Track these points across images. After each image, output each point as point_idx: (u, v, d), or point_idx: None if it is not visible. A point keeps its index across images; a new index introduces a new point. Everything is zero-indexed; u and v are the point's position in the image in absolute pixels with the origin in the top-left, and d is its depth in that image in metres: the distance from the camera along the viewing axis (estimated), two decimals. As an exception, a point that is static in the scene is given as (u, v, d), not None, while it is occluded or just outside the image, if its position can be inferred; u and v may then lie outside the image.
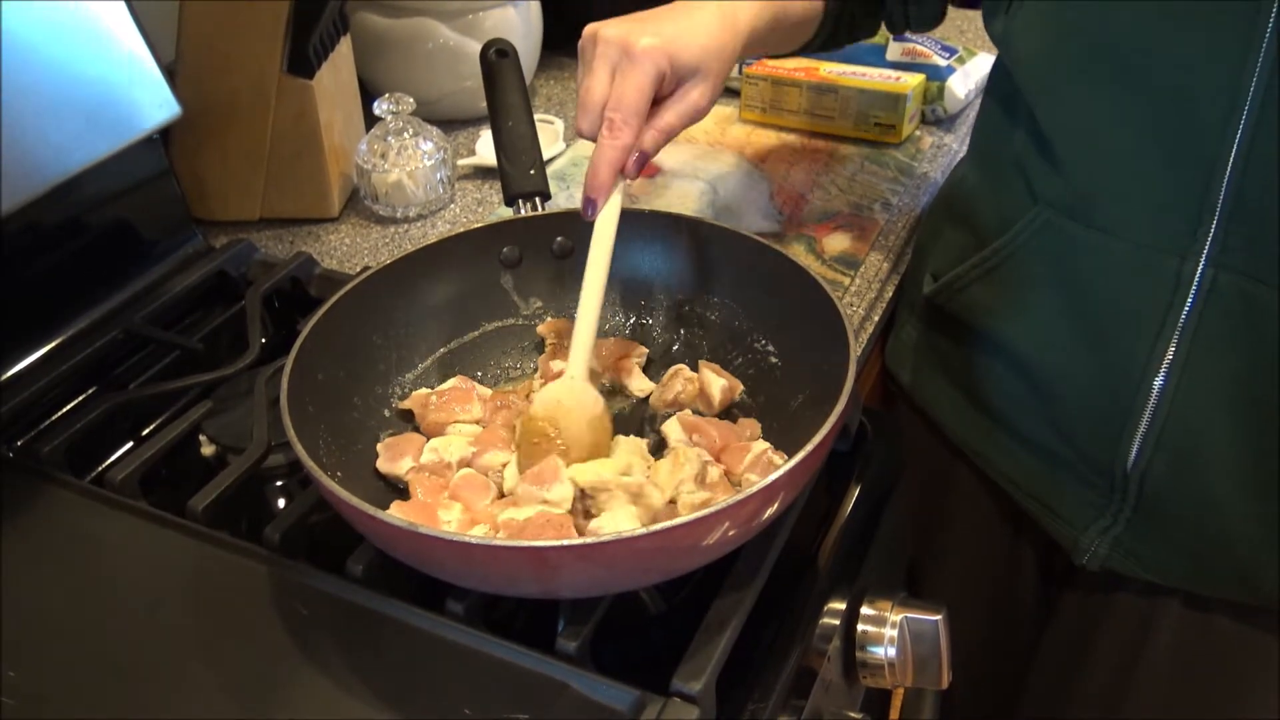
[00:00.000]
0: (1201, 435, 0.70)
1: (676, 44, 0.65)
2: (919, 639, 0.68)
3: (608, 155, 0.64)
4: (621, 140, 0.63)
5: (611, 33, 0.64)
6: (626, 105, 0.63)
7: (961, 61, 1.14)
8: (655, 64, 0.64)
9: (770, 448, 0.65)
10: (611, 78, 0.64)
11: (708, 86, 0.67)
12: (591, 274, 0.65)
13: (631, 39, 0.63)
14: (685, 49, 0.65)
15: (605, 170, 0.64)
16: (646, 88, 0.64)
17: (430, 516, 0.60)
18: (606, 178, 0.64)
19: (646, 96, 0.64)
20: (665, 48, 0.64)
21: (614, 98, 0.64)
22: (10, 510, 0.65)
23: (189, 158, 0.94)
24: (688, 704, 0.52)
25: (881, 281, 0.91)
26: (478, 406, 0.70)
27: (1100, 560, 0.79)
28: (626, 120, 0.63)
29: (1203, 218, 0.65)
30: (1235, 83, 0.60)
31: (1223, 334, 0.67)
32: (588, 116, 0.65)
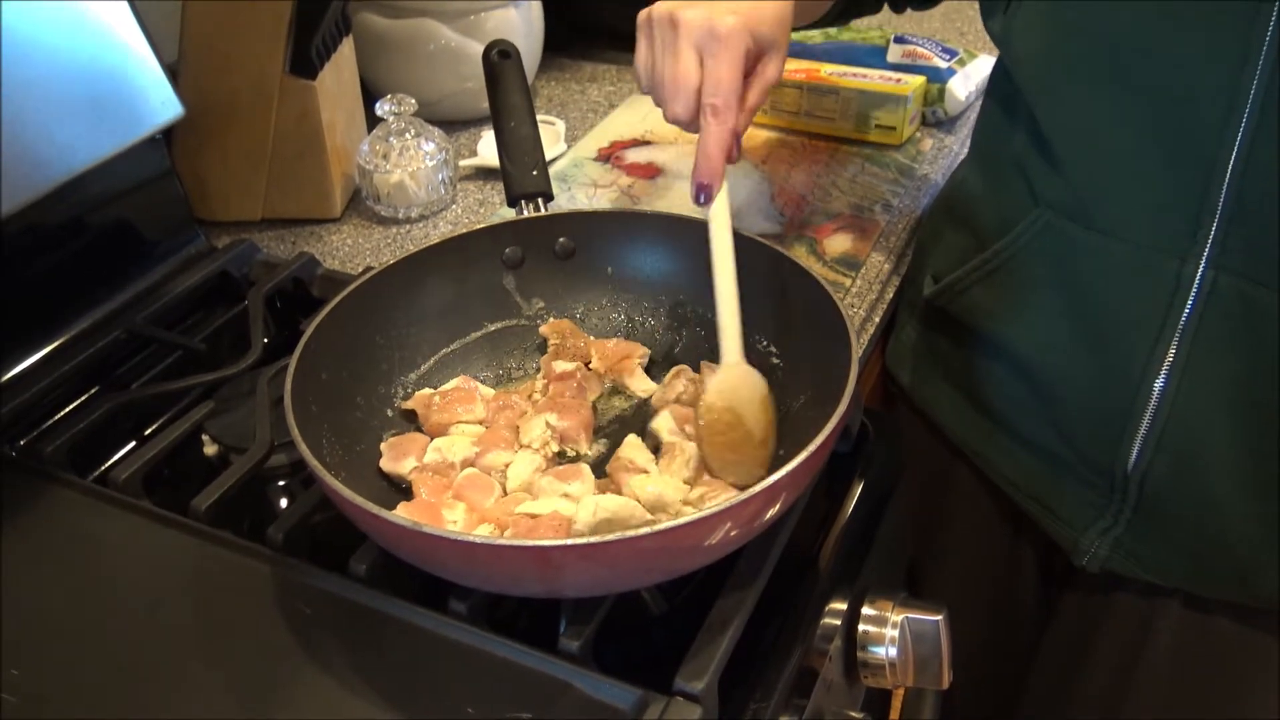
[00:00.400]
0: (1202, 437, 0.70)
1: (754, 19, 0.64)
2: (920, 639, 0.68)
3: (719, 139, 0.63)
4: (729, 124, 0.63)
5: (693, 15, 0.63)
6: (726, 88, 0.63)
7: (962, 63, 1.14)
8: (743, 44, 0.63)
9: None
10: (699, 59, 0.64)
11: (780, 58, 0.67)
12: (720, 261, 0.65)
13: (716, 20, 0.63)
14: (762, 23, 0.65)
15: (718, 155, 0.64)
16: (740, 69, 0.63)
17: (435, 516, 0.61)
18: (720, 162, 0.64)
19: (741, 77, 0.64)
20: (747, 25, 0.64)
21: (711, 82, 0.63)
22: (13, 510, 0.65)
23: (191, 158, 0.94)
24: (690, 703, 0.52)
25: (882, 283, 0.91)
26: (480, 407, 0.70)
27: (1100, 561, 0.79)
28: (728, 103, 0.63)
29: (1202, 219, 0.65)
30: (1235, 84, 0.61)
31: (1223, 336, 0.67)
32: (682, 100, 0.64)
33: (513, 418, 0.69)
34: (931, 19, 1.43)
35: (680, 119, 0.65)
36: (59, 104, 0.75)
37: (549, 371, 0.74)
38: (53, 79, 0.75)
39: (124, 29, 0.80)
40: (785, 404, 0.69)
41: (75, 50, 0.76)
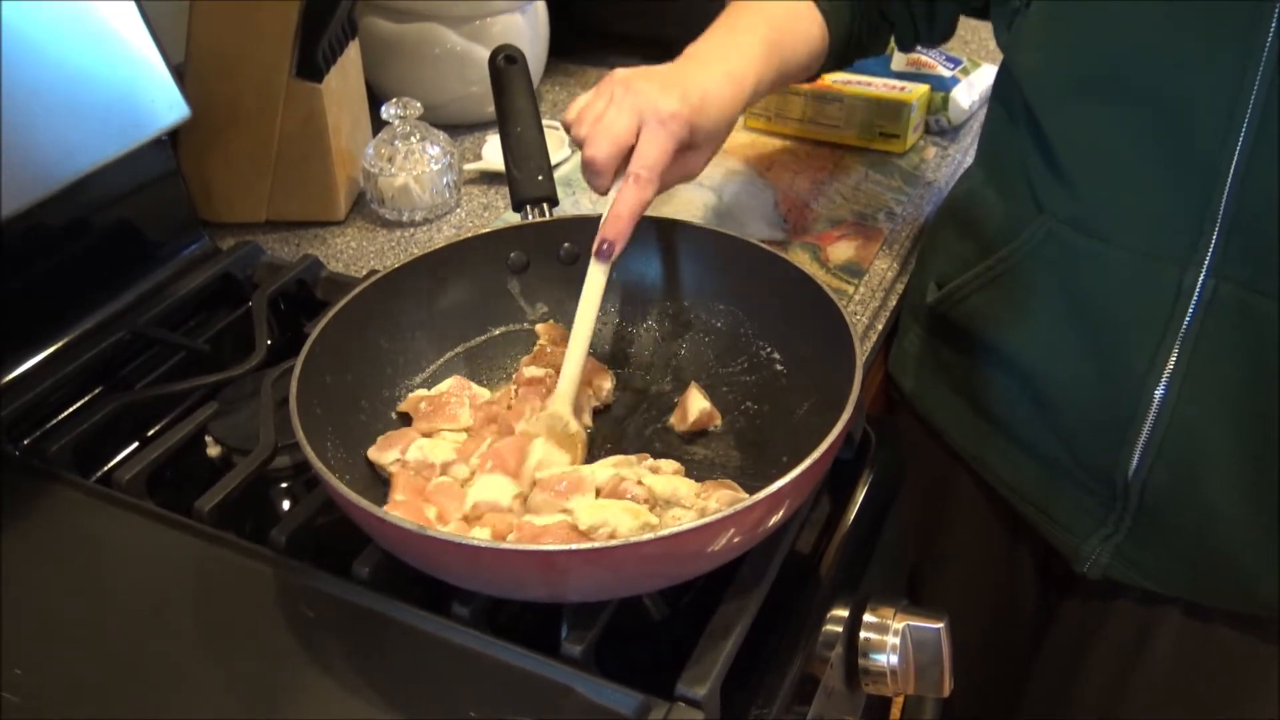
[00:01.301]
0: (1202, 445, 0.70)
1: (699, 114, 0.69)
2: (921, 647, 0.68)
3: (633, 205, 0.67)
4: (645, 195, 0.67)
5: (647, 87, 0.68)
6: (652, 165, 0.67)
7: (966, 72, 1.15)
8: (680, 133, 0.68)
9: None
10: (638, 126, 0.68)
11: (709, 153, 0.73)
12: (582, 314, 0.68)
13: (663, 102, 0.67)
14: (704, 119, 0.69)
15: (629, 218, 0.67)
16: (671, 151, 0.68)
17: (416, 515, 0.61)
18: (629, 225, 0.67)
19: (669, 160, 0.68)
20: (690, 119, 0.68)
21: (643, 156, 0.67)
22: (16, 509, 0.65)
23: (196, 159, 0.94)
24: (692, 708, 0.52)
25: (885, 290, 0.91)
26: (466, 414, 0.69)
27: (1101, 569, 0.79)
28: (650, 179, 0.67)
29: (1203, 228, 0.65)
30: (1235, 93, 0.61)
31: (1223, 344, 0.67)
32: (605, 148, 0.67)
33: (497, 428, 0.69)
34: (935, 27, 1.43)
35: (597, 161, 0.68)
36: (65, 105, 0.75)
37: (519, 377, 0.74)
38: (59, 80, 0.75)
39: (131, 30, 0.80)
40: (788, 410, 0.69)
41: (82, 51, 0.77)
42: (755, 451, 0.69)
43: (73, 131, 0.76)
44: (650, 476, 0.63)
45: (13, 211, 0.71)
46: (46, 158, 0.74)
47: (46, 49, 0.74)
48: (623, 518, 0.58)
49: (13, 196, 0.71)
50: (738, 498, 0.62)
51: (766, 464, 0.67)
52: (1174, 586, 0.78)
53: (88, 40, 0.77)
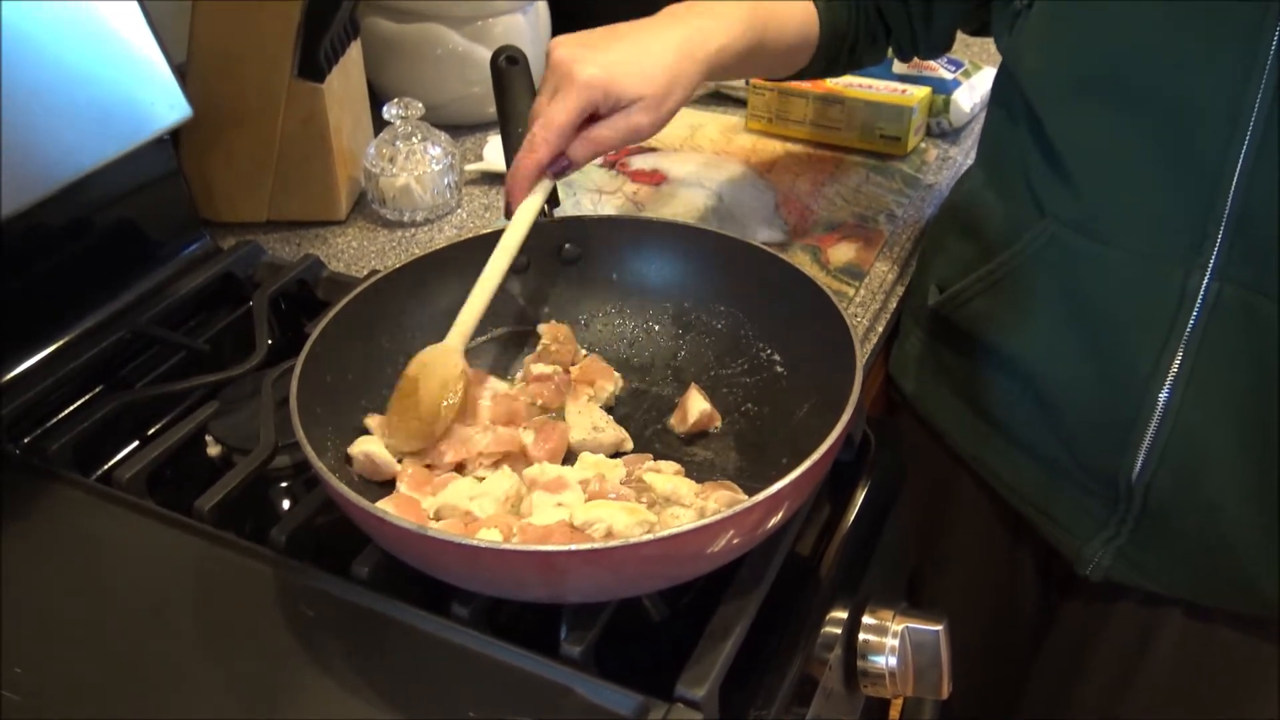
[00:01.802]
0: (1205, 448, 0.70)
1: (617, 73, 0.67)
2: (920, 649, 0.68)
3: (524, 168, 0.68)
4: (537, 156, 0.68)
5: (562, 54, 0.68)
6: (550, 126, 0.67)
7: (967, 75, 1.15)
8: (588, 96, 0.67)
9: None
10: (551, 98, 0.68)
11: (650, 110, 0.69)
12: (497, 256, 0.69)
13: (576, 67, 0.67)
14: (625, 79, 0.68)
15: (521, 179, 0.69)
16: (572, 114, 0.67)
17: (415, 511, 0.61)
18: (522, 185, 0.69)
19: (571, 122, 0.67)
20: (603, 80, 0.67)
21: (543, 117, 0.67)
22: (16, 508, 0.65)
23: (198, 159, 0.94)
24: (691, 709, 0.52)
25: (886, 292, 0.91)
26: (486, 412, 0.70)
27: (1103, 570, 0.79)
28: (546, 140, 0.67)
29: (1207, 231, 0.65)
30: (1239, 98, 0.61)
31: (1227, 347, 0.67)
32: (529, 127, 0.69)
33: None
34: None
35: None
36: (67, 104, 0.75)
37: (528, 373, 0.74)
38: (61, 79, 0.75)
39: (133, 30, 0.80)
40: (788, 412, 0.69)
41: (84, 50, 0.77)
42: (755, 453, 0.69)
43: (74, 131, 0.76)
44: (651, 475, 0.63)
45: (14, 210, 0.71)
46: (48, 157, 0.74)
47: (48, 48, 0.74)
48: (619, 515, 0.58)
49: (14, 195, 0.71)
50: (736, 499, 0.62)
51: (766, 465, 0.67)
52: (1176, 588, 0.78)
53: (89, 39, 0.77)
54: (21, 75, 0.72)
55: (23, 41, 0.72)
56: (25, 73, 0.72)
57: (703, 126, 1.17)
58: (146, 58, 0.81)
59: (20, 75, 0.72)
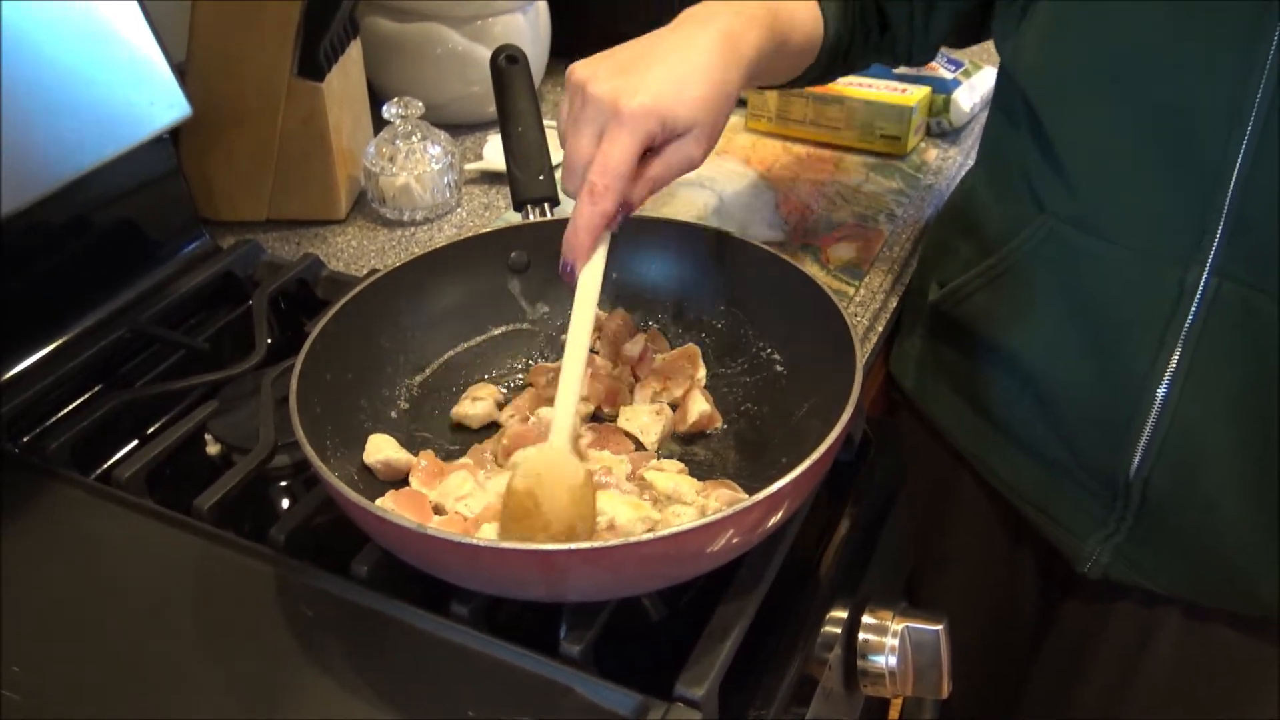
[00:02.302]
0: (1203, 444, 0.70)
1: (669, 101, 0.60)
2: (920, 649, 0.68)
3: (588, 221, 0.60)
4: (602, 207, 0.60)
5: (600, 90, 0.60)
6: (610, 171, 0.59)
7: (967, 75, 1.15)
8: (645, 128, 0.60)
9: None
10: (598, 138, 0.60)
11: (703, 138, 0.63)
12: (575, 337, 0.61)
13: (622, 100, 0.59)
14: (679, 105, 0.60)
15: (585, 235, 0.61)
16: (632, 152, 0.60)
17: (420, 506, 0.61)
18: (586, 242, 0.61)
19: (632, 161, 0.60)
20: (656, 108, 0.59)
21: (599, 162, 0.60)
22: (15, 507, 0.65)
23: (198, 158, 0.94)
24: (690, 709, 0.52)
25: (886, 292, 0.91)
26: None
27: (1102, 568, 0.79)
28: (609, 186, 0.59)
29: (1206, 228, 0.65)
30: (1239, 94, 0.61)
31: (1225, 344, 0.67)
32: (572, 177, 0.62)
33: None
34: (937, 30, 1.43)
35: (569, 193, 0.62)
36: (67, 103, 0.75)
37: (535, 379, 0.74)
38: (61, 78, 0.75)
39: (133, 29, 0.80)
40: (788, 412, 0.69)
41: (84, 50, 0.77)
42: (755, 452, 0.69)
43: (74, 129, 0.76)
44: (652, 473, 0.63)
45: (14, 209, 0.71)
46: (48, 156, 0.74)
47: (48, 47, 0.74)
48: (622, 509, 0.58)
49: (14, 194, 0.71)
50: (737, 497, 0.62)
51: (766, 465, 0.67)
52: (1174, 587, 0.78)
53: (89, 39, 0.77)
54: (21, 74, 0.72)
55: (22, 41, 0.72)
56: (25, 72, 0.72)
57: (703, 126, 1.17)
58: (146, 57, 0.81)
59: (20, 74, 0.72)
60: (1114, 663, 0.86)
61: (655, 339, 0.77)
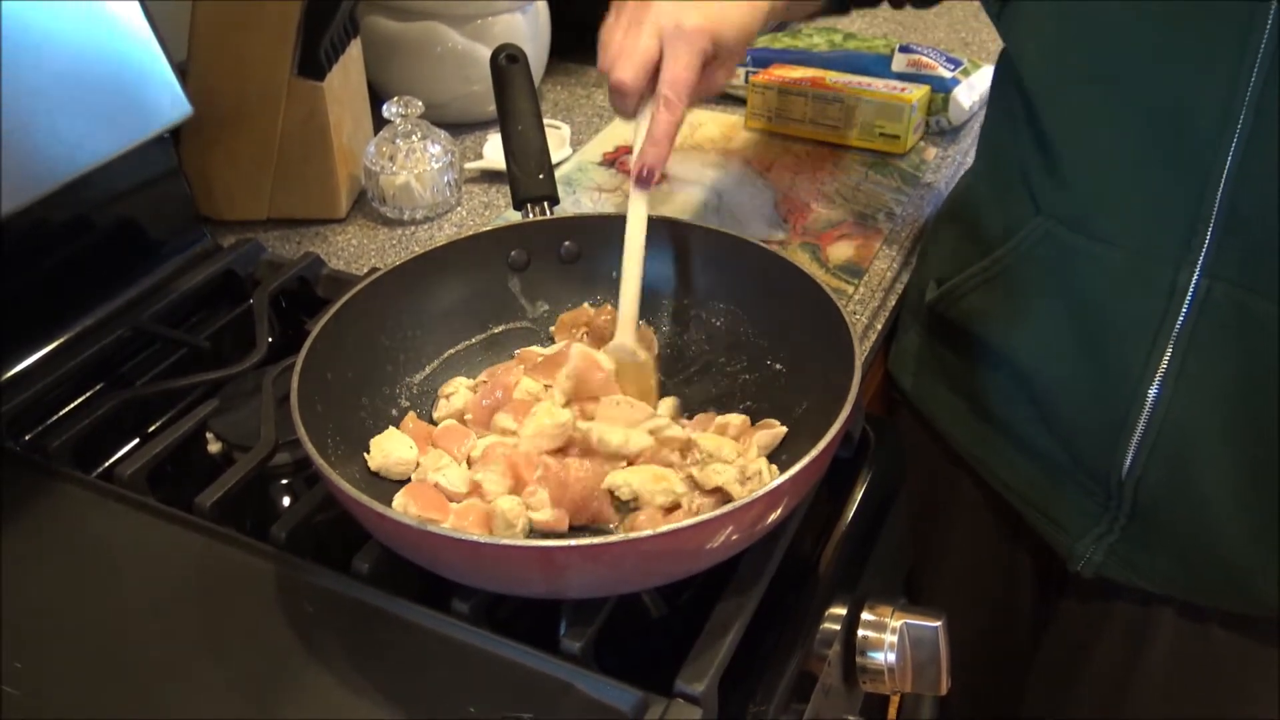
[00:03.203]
0: (1195, 443, 0.70)
1: (721, 24, 0.67)
2: (918, 645, 0.68)
3: (669, 128, 0.67)
4: (677, 116, 0.67)
5: (665, 5, 0.67)
6: (681, 84, 0.66)
7: (966, 73, 1.15)
8: (703, 45, 0.67)
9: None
10: (659, 44, 0.67)
11: (730, 67, 0.71)
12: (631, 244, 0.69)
13: (683, 16, 0.66)
14: (728, 29, 0.68)
15: (666, 142, 0.67)
16: (697, 67, 0.67)
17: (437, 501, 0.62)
18: (667, 149, 0.67)
19: (697, 75, 0.67)
20: (712, 28, 0.67)
21: (669, 76, 0.67)
22: (17, 504, 0.65)
23: (198, 157, 0.95)
24: (690, 705, 0.52)
25: (885, 290, 0.91)
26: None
27: (1095, 567, 0.79)
28: (681, 98, 0.66)
29: (1197, 228, 0.65)
30: (1230, 93, 0.61)
31: (1217, 343, 0.67)
32: (633, 69, 0.67)
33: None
34: (936, 28, 1.44)
35: (624, 84, 0.68)
36: (68, 102, 0.75)
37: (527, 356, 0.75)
38: (62, 77, 0.75)
39: (134, 28, 0.80)
40: (787, 409, 0.69)
41: (85, 48, 0.77)
42: (754, 450, 0.69)
43: (75, 128, 0.76)
44: (698, 434, 0.66)
45: (15, 208, 0.71)
46: (49, 154, 0.74)
47: (49, 46, 0.74)
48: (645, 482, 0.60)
49: (15, 193, 0.71)
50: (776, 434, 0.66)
51: (765, 462, 0.67)
52: (1168, 585, 0.78)
53: (91, 37, 0.77)
54: (23, 73, 0.72)
55: (24, 40, 0.72)
56: (26, 71, 0.72)
57: (702, 125, 1.17)
58: (147, 56, 0.81)
59: (21, 73, 0.72)
60: (1110, 661, 0.86)
61: (644, 335, 0.77)
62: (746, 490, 0.61)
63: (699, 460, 0.64)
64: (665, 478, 0.61)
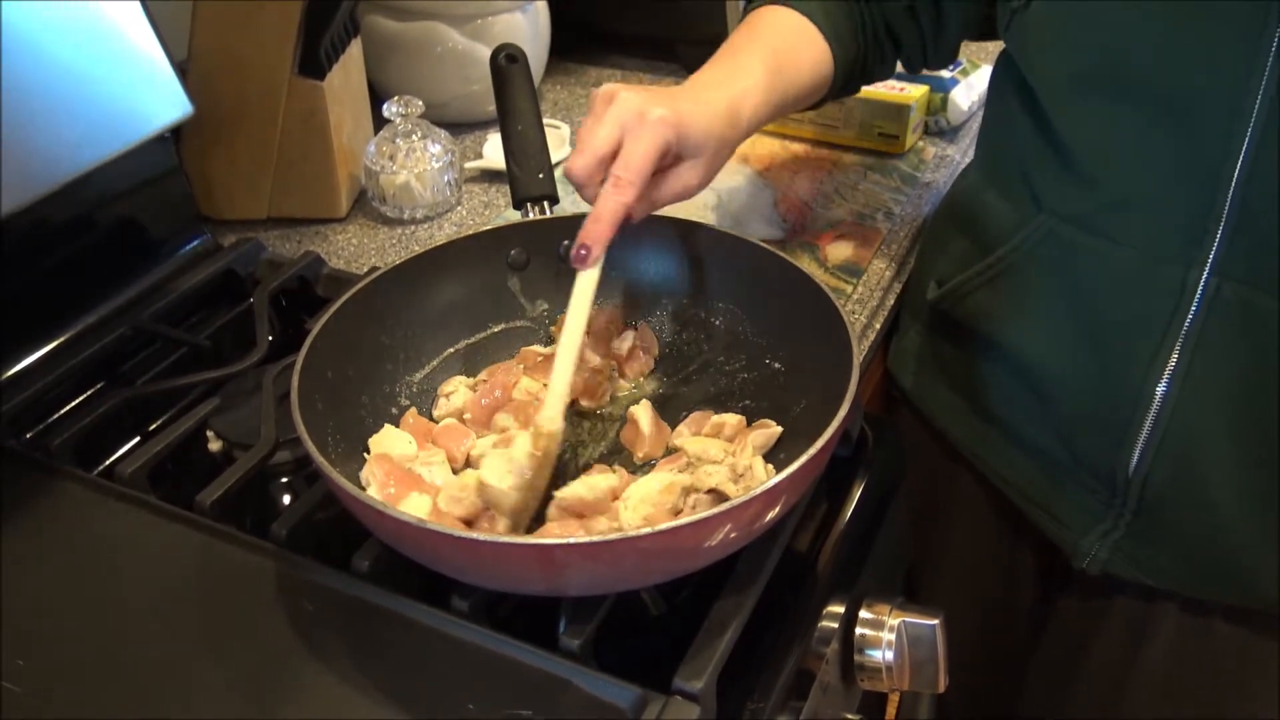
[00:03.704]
0: (1202, 442, 0.71)
1: (687, 120, 0.67)
2: (916, 643, 0.68)
3: (611, 209, 0.64)
4: (625, 198, 0.64)
5: (629, 97, 0.66)
6: (634, 168, 0.65)
7: (965, 74, 1.15)
8: (664, 134, 0.65)
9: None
10: (619, 135, 0.66)
11: (703, 168, 0.69)
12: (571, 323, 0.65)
13: (647, 107, 0.65)
14: (694, 127, 0.67)
15: (607, 222, 0.65)
16: (654, 154, 0.65)
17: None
18: (607, 229, 0.65)
19: (652, 163, 0.65)
20: (676, 122, 0.66)
21: (623, 159, 0.65)
22: (19, 502, 0.65)
23: (199, 156, 0.95)
24: (689, 702, 0.52)
25: (884, 290, 0.92)
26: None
27: (1100, 564, 0.79)
28: (632, 181, 0.64)
29: (1207, 227, 0.65)
30: (1240, 93, 0.61)
31: (1225, 342, 0.68)
32: (583, 159, 0.66)
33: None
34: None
35: (575, 172, 0.66)
36: (69, 101, 0.76)
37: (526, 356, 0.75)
38: (63, 77, 0.75)
39: (135, 27, 0.80)
40: (786, 408, 0.70)
41: (86, 48, 0.77)
42: (753, 449, 0.70)
43: (76, 128, 0.76)
44: (683, 440, 0.66)
45: (16, 207, 0.72)
46: (50, 154, 0.74)
47: (51, 46, 0.75)
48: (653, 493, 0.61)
49: (16, 192, 0.72)
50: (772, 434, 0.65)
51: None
52: (1173, 582, 0.78)
53: (91, 37, 0.78)
54: (23, 73, 0.72)
55: (24, 40, 0.73)
56: (27, 71, 0.73)
57: (702, 124, 1.18)
58: (148, 55, 0.81)
59: (22, 73, 0.72)
60: (1111, 658, 0.86)
61: (644, 335, 0.77)
62: (740, 488, 0.61)
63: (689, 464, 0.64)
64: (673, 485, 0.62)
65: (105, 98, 0.78)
